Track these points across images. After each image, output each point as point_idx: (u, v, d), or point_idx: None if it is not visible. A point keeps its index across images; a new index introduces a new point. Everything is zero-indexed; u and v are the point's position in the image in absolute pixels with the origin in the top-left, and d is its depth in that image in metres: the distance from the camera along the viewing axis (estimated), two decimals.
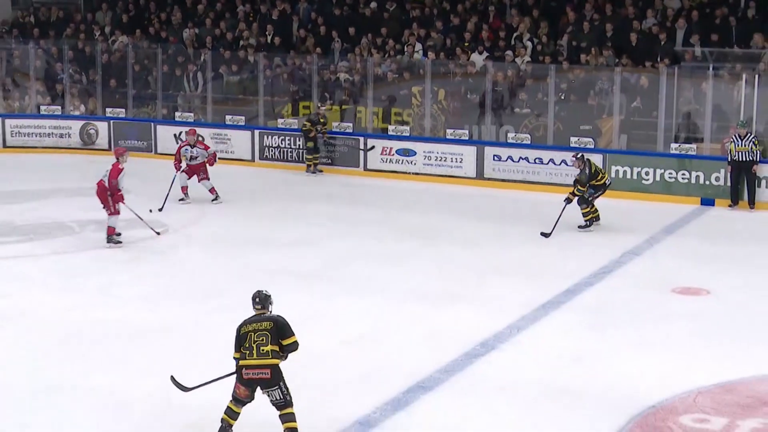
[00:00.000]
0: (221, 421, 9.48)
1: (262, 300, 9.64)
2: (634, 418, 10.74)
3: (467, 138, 22.83)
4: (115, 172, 16.82)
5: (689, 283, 15.20)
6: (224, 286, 15.22)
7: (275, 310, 9.83)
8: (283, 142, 24.14)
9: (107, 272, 16.09)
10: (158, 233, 17.65)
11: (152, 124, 25.36)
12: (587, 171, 17.59)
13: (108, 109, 25.96)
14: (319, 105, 23.45)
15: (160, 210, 19.26)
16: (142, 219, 17.49)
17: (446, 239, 17.75)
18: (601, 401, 11.17)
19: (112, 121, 25.65)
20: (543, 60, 23.00)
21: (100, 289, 15.18)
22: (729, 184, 19.81)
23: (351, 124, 24.04)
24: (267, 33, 25.98)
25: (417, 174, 22.76)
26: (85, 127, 25.66)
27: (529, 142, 22.13)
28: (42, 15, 28.91)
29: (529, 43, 23.44)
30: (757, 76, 20.88)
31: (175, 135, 24.23)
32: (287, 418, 9.33)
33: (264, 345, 9.30)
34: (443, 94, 23.55)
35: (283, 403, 9.32)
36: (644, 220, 19.00)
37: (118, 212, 17.08)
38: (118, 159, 17.11)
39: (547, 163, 21.59)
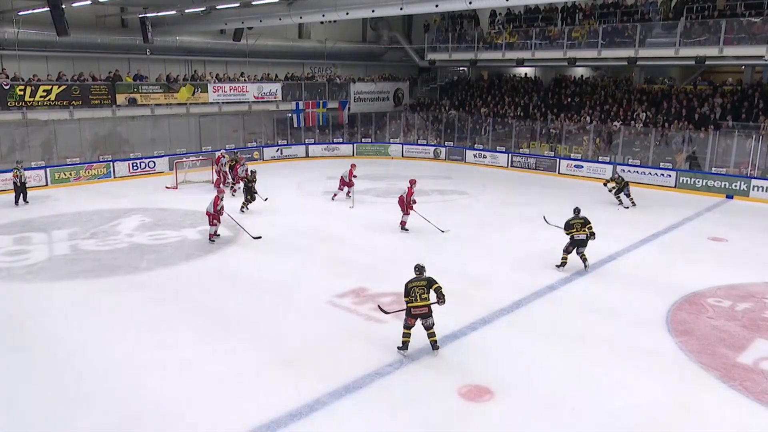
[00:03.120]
0: (402, 344, 8.16)
1: (420, 268, 8.17)
2: (683, 297, 10.22)
3: (608, 161, 21.55)
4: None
5: (717, 234, 14.29)
6: (508, 226, 14.64)
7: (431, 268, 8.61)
8: (522, 159, 23.44)
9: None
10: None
11: (464, 150, 25.18)
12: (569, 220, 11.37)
13: (446, 142, 26.04)
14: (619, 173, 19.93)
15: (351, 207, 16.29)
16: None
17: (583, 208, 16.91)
18: (665, 287, 10.63)
19: (447, 147, 25.64)
20: (648, 125, 21.26)
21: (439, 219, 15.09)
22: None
23: (552, 153, 23.07)
24: (517, 110, 25.34)
25: (583, 177, 21.66)
26: (436, 150, 25.76)
27: (638, 163, 20.65)
28: (422, 101, 29.36)
29: (643, 115, 21.69)
30: (760, 137, 18.84)
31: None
32: (432, 334, 8.19)
33: (423, 293, 8.04)
34: (599, 140, 22.32)
35: (432, 326, 8.16)
36: (695, 204, 17.62)
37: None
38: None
39: (647, 174, 20.14)
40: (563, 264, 11.46)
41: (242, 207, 15.77)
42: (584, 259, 11.45)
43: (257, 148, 24.76)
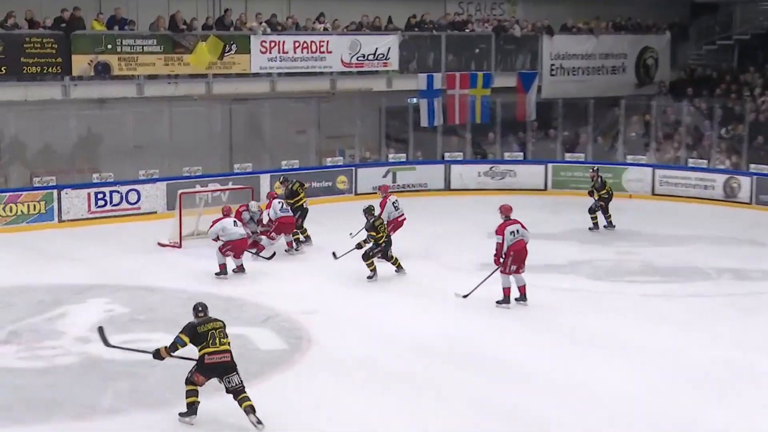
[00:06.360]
0: (188, 407, 10.84)
1: (204, 308, 11.07)
2: None
3: None
4: None
5: None
6: None
7: None
8: None
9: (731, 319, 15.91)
10: None
11: None
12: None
13: (752, 165, 25.47)
14: None
15: None
16: None
17: None
18: None
19: (755, 177, 25.05)
20: None
21: (732, 333, 15.08)
22: None
23: None
24: None
25: None
26: (729, 181, 25.30)
27: None
28: (696, 75, 28.94)
29: None
30: None
31: None
32: (246, 398, 10.70)
33: (224, 337, 10.81)
34: None
35: (241, 385, 10.77)
36: None
37: None
38: None
39: None
40: None
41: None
42: None
43: (344, 168, 25.24)
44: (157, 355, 11.12)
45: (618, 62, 28.82)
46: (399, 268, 17.76)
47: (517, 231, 15.79)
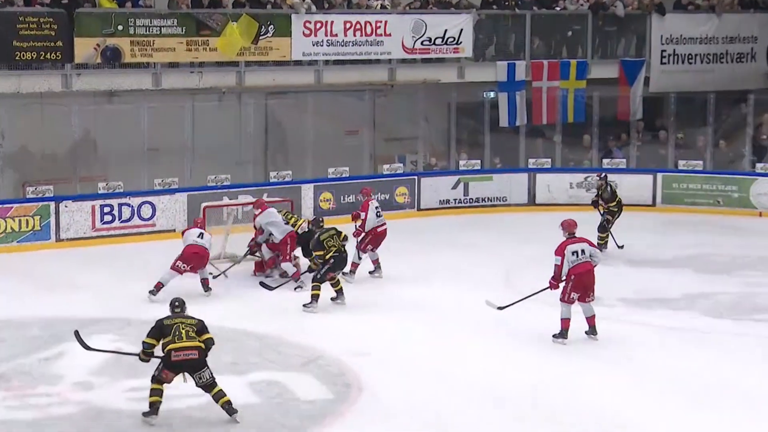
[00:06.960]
0: (150, 405, 12.11)
1: (181, 304, 12.72)
2: None
3: None
4: None
5: None
6: None
7: None
8: None
9: None
10: None
11: None
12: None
13: None
14: None
15: None
16: None
17: None
18: None
19: None
20: None
21: None
22: None
23: None
24: None
25: None
26: None
27: None
28: None
29: None
30: None
31: None
32: (221, 394, 12.13)
33: (191, 331, 12.14)
34: None
35: (213, 382, 12.13)
36: None
37: None
38: None
39: None
40: None
41: None
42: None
43: (405, 177, 25.26)
44: (141, 359, 12.63)
45: (746, 48, 28.54)
46: (339, 293, 17.81)
47: (582, 251, 15.68)
